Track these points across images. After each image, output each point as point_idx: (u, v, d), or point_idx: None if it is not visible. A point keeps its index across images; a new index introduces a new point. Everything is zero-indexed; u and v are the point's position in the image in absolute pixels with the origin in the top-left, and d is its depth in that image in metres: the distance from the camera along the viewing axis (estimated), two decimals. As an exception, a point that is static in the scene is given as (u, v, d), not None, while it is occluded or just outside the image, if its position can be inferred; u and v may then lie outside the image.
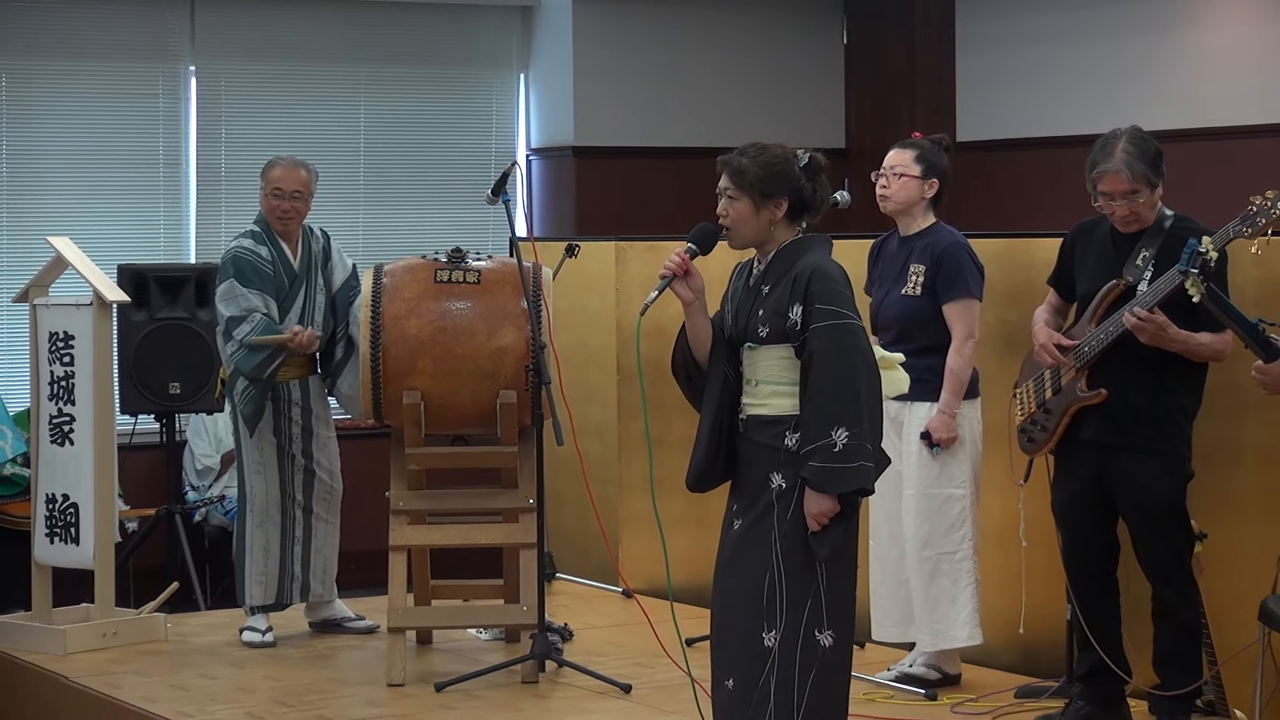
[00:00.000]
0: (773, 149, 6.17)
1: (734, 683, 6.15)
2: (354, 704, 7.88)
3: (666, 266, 6.13)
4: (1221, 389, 7.16)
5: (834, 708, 6.13)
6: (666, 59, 13.14)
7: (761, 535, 6.10)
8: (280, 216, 8.87)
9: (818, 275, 6.01)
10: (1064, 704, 7.40)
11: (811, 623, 6.03)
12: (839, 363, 5.96)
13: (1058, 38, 12.41)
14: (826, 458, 5.89)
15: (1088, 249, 7.24)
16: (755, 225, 6.12)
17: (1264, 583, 6.92)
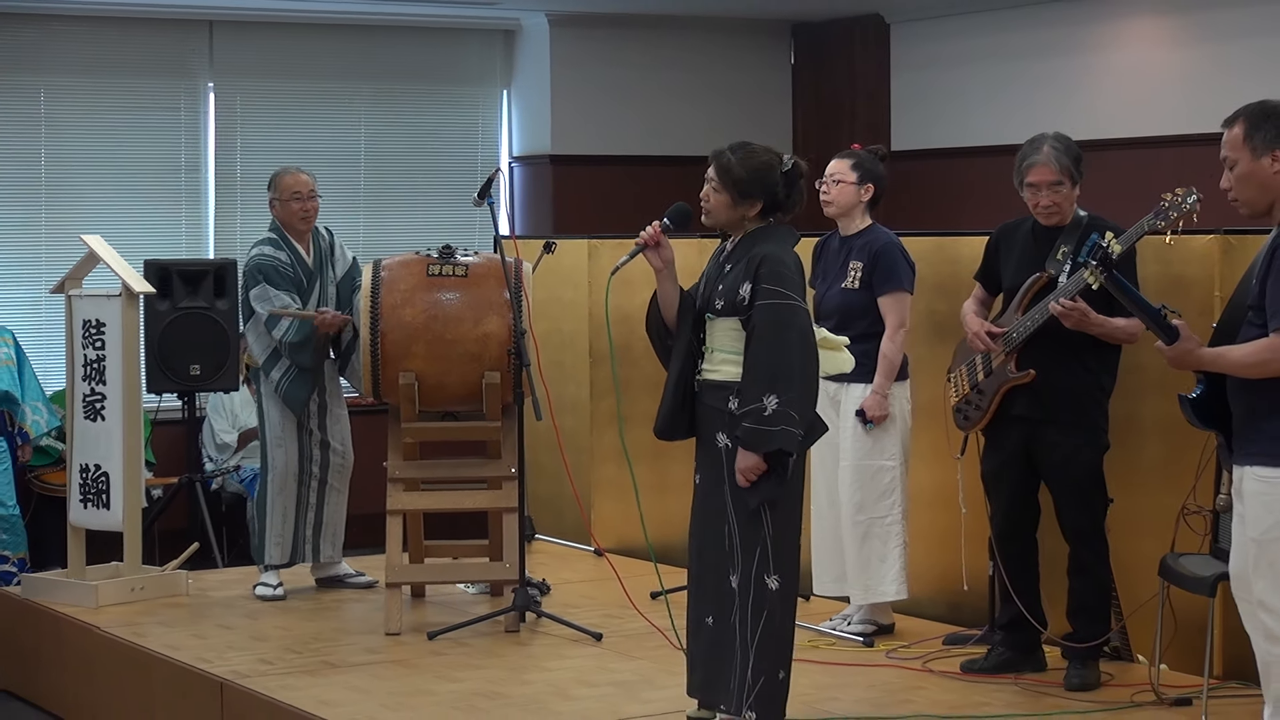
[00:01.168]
0: (760, 153, 6.28)
1: (714, 620, 6.29)
2: (356, 651, 7.87)
3: (641, 235, 6.32)
4: (1127, 370, 7.18)
5: (779, 645, 6.24)
6: (633, 77, 13.14)
7: (718, 489, 6.28)
8: (304, 217, 8.89)
9: (768, 259, 6.17)
10: (986, 650, 7.41)
11: (761, 568, 6.17)
12: (776, 337, 6.11)
13: (981, 59, 12.42)
14: (756, 420, 6.03)
15: (1011, 247, 7.27)
16: (729, 215, 6.32)
17: (1164, 543, 6.94)
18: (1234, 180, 5.75)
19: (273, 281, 8.78)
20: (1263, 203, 5.77)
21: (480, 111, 13.24)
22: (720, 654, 6.27)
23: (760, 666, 6.17)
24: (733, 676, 6.21)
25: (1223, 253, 7.15)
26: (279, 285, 8.78)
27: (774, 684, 6.21)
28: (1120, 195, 8.54)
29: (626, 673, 7.38)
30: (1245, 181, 5.73)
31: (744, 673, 6.18)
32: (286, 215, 8.90)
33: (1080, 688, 7.01)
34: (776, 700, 6.22)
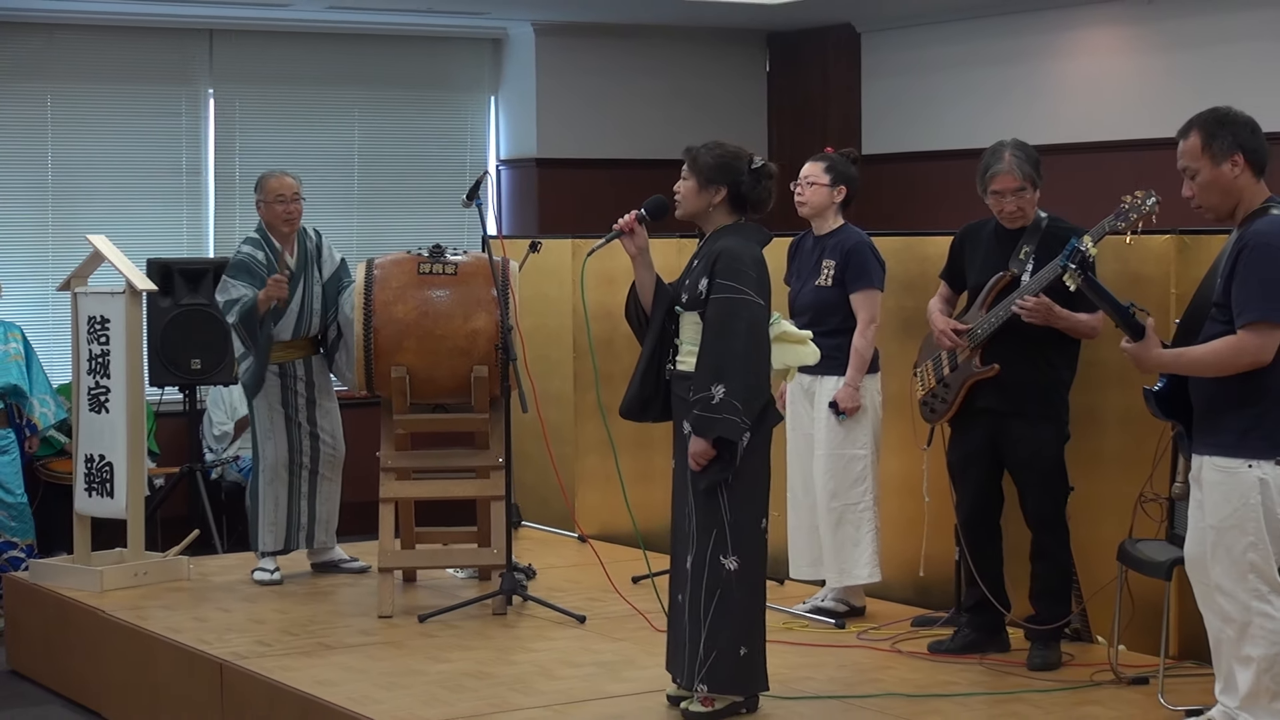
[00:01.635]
0: (728, 147, 6.42)
1: (681, 596, 6.31)
2: (350, 633, 7.86)
3: (618, 222, 6.44)
4: (1088, 364, 7.19)
5: (736, 622, 6.28)
6: (615, 84, 13.15)
7: (683, 473, 6.33)
8: (286, 219, 8.85)
9: (725, 254, 6.25)
10: (953, 632, 7.42)
11: (717, 548, 6.22)
12: (725, 329, 6.19)
13: (947, 67, 12.43)
14: (704, 408, 6.11)
15: (975, 247, 7.28)
16: (696, 202, 6.38)
17: (1122, 529, 6.94)
18: (1197, 188, 5.76)
19: (235, 273, 8.71)
20: (1227, 207, 5.80)
21: (469, 116, 13.24)
22: (676, 630, 6.37)
23: (713, 642, 6.23)
24: (683, 651, 6.30)
25: (1178, 252, 7.16)
26: (239, 278, 8.68)
27: (729, 659, 6.25)
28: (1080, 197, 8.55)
29: (609, 653, 7.38)
30: (1209, 189, 5.74)
31: (696, 647, 6.25)
32: (270, 216, 8.87)
33: (1042, 667, 7.01)
34: (731, 674, 6.27)
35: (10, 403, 9.98)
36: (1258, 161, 5.76)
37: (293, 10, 12.08)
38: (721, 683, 6.26)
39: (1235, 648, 5.83)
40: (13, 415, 10.03)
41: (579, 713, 6.51)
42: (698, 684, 6.26)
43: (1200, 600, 5.97)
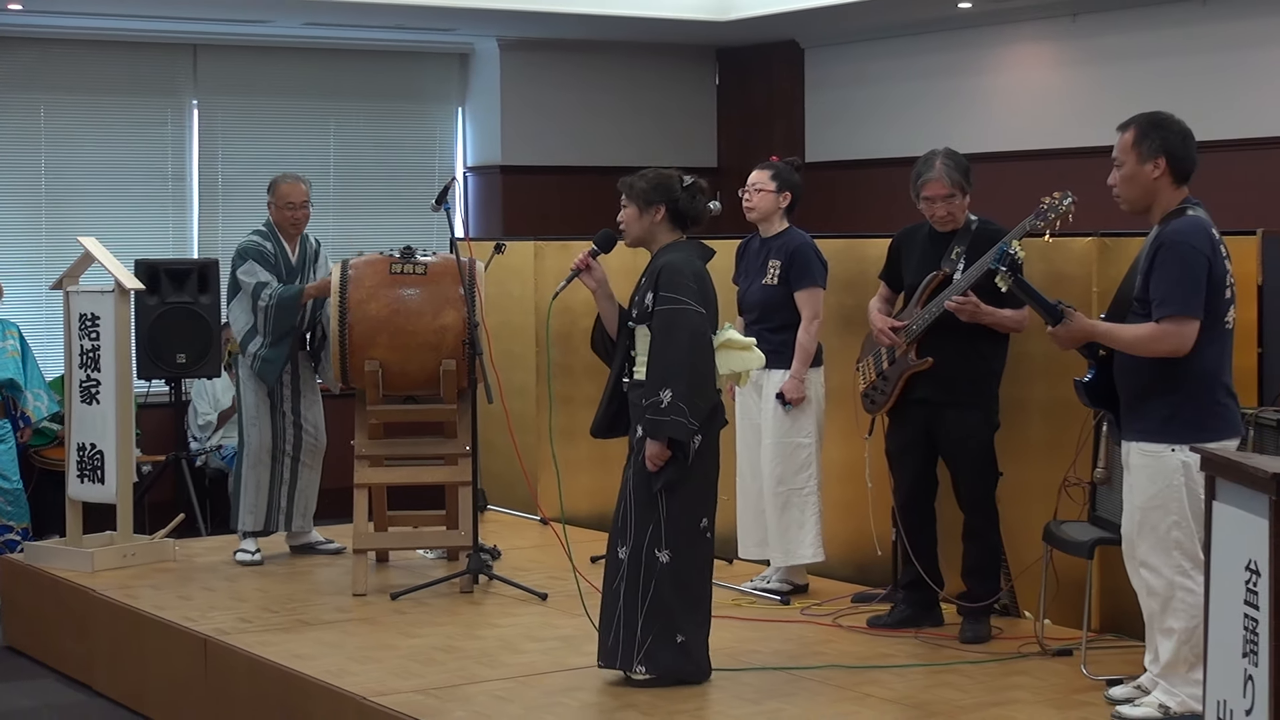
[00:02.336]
0: (661, 172, 6.43)
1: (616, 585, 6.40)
2: (326, 610, 7.84)
3: (573, 264, 6.45)
4: (1016, 358, 7.22)
5: (671, 610, 6.31)
6: (575, 96, 13.14)
7: (627, 472, 6.35)
8: (293, 223, 8.93)
9: (666, 269, 6.31)
10: (890, 608, 7.43)
11: (652, 542, 6.27)
12: (669, 337, 6.24)
13: (886, 80, 12.45)
14: (655, 412, 6.17)
15: (911, 249, 7.30)
16: (640, 226, 6.44)
17: (1047, 511, 6.97)
18: (1119, 179, 5.86)
19: (260, 260, 8.79)
20: (1142, 203, 5.86)
21: (437, 126, 13.22)
22: (605, 616, 6.40)
23: (649, 628, 6.28)
24: (617, 636, 6.32)
25: (1100, 253, 7.19)
26: (264, 264, 8.79)
27: (665, 643, 6.29)
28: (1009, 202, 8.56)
29: (569, 629, 7.37)
30: (1129, 182, 5.83)
31: (633, 632, 6.29)
32: (279, 219, 8.93)
33: (973, 640, 7.03)
34: (670, 659, 6.31)
35: (7, 396, 9.97)
36: (1180, 169, 5.83)
37: (272, 27, 12.06)
38: (660, 665, 6.30)
39: (1159, 620, 5.88)
40: (9, 408, 10.01)
41: (541, 684, 6.51)
42: (636, 665, 6.29)
43: (1131, 576, 6.01)
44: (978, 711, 6.09)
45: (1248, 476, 3.87)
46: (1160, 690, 5.90)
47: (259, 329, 8.79)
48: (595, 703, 6.25)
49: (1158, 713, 5.86)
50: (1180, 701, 5.81)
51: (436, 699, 6.29)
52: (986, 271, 6.74)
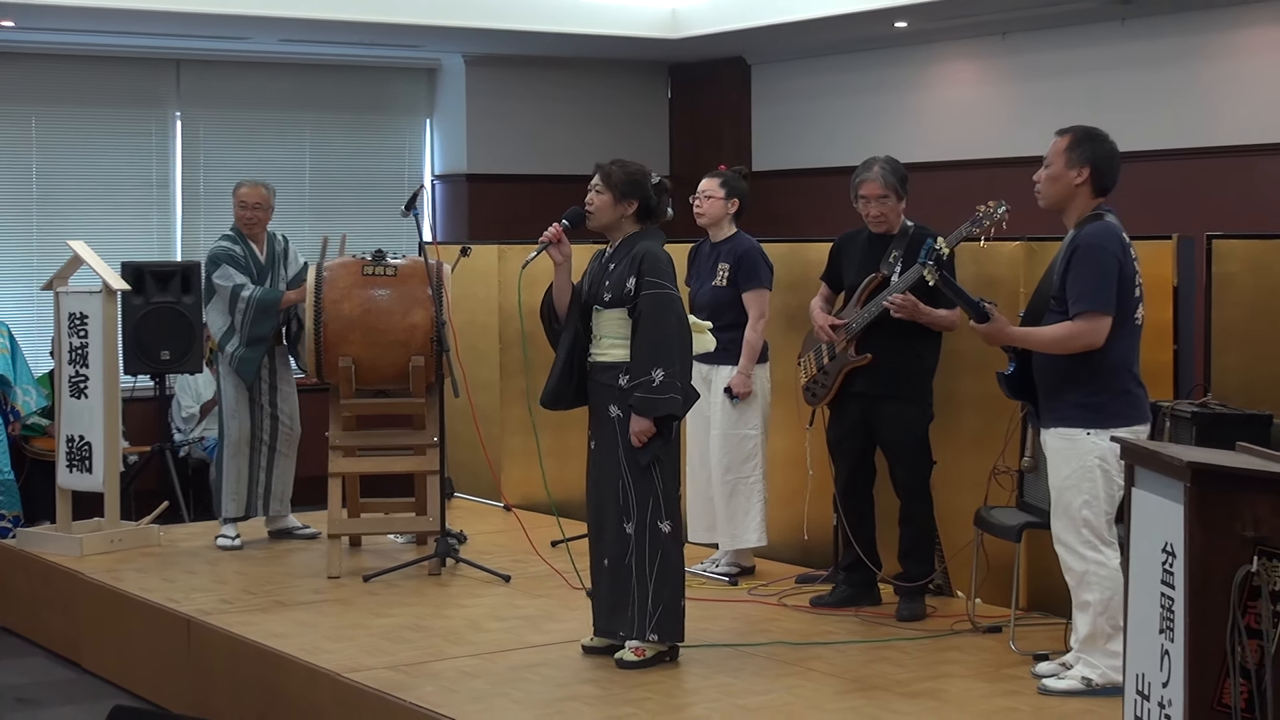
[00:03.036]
0: (634, 165, 6.46)
1: (609, 561, 6.39)
2: (302, 592, 7.82)
3: (545, 234, 6.42)
4: (948, 354, 7.23)
5: (673, 576, 6.36)
6: (536, 109, 13.13)
7: (611, 453, 6.37)
8: (247, 223, 8.89)
9: (648, 257, 6.28)
10: (831, 588, 7.45)
11: (654, 515, 6.29)
12: (659, 320, 6.23)
13: (827, 94, 12.47)
14: (647, 390, 6.14)
15: (851, 252, 7.31)
16: (611, 215, 6.41)
17: (978, 497, 6.99)
18: (1045, 178, 5.97)
19: (233, 263, 8.77)
20: (1059, 203, 5.99)
21: (407, 137, 13.18)
22: (617, 591, 6.35)
23: (660, 596, 6.29)
24: (632, 608, 6.31)
25: (1027, 257, 7.21)
26: (237, 267, 8.77)
27: (672, 610, 6.33)
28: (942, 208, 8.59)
29: (531, 608, 7.37)
30: (1053, 182, 5.94)
31: (644, 603, 6.30)
32: (239, 219, 8.93)
33: (909, 618, 7.05)
34: (675, 623, 6.35)
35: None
36: (1100, 183, 5.92)
37: (251, 43, 12.01)
38: (669, 632, 6.33)
39: (1075, 595, 5.92)
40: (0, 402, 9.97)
41: (505, 660, 6.50)
42: (650, 634, 6.29)
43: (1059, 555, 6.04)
44: (913, 685, 6.10)
45: (1164, 465, 3.88)
46: (1082, 664, 5.93)
47: (236, 329, 8.76)
48: (556, 677, 6.24)
49: (1081, 685, 5.89)
50: (1101, 674, 5.84)
51: (406, 675, 6.27)
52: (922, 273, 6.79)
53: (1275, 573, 3.70)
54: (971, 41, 11.43)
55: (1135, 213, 6.08)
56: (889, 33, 11.50)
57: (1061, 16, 10.66)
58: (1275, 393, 6.43)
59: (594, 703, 5.91)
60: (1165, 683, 3.83)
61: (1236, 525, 3.71)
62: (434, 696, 5.97)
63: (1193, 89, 10.19)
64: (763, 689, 6.06)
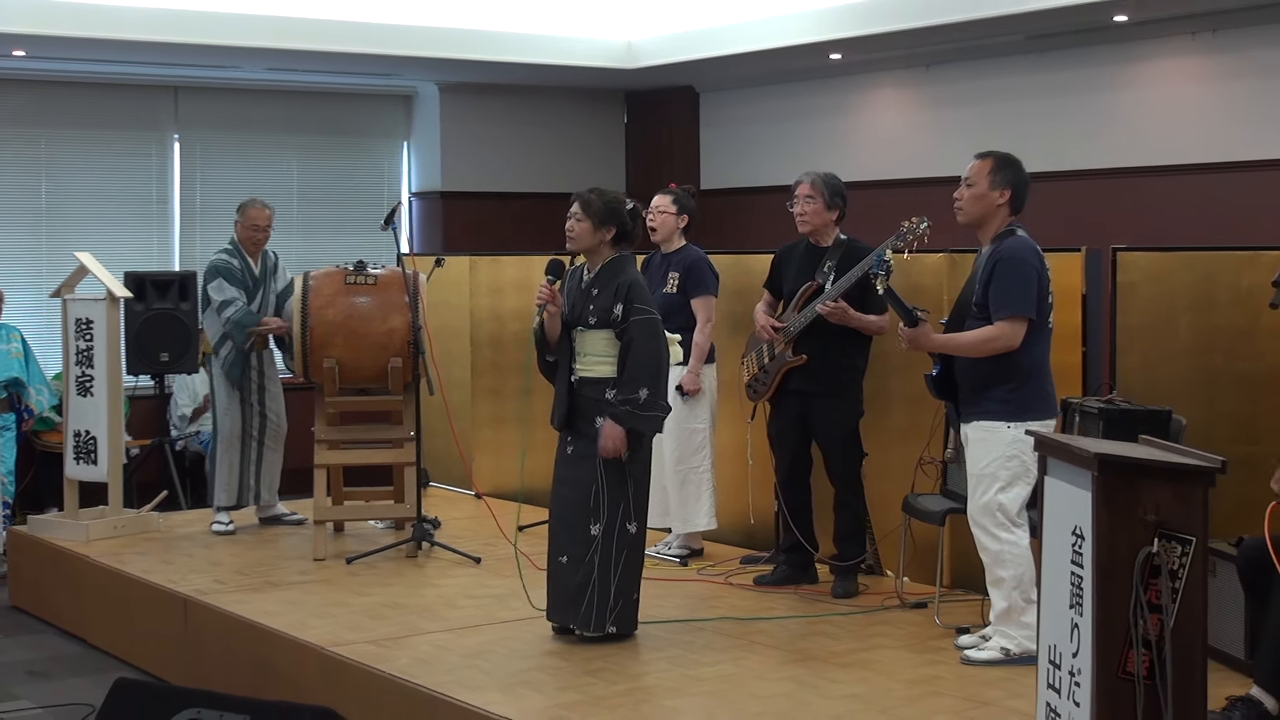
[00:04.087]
0: (612, 194, 6.40)
1: (567, 559, 6.29)
2: (290, 573, 7.78)
3: (540, 295, 6.30)
4: (878, 356, 7.24)
5: (635, 574, 6.33)
6: (504, 132, 13.10)
7: (589, 459, 6.29)
8: (255, 241, 8.86)
9: (635, 286, 6.27)
10: (773, 568, 7.45)
11: (624, 517, 6.21)
12: (650, 344, 6.21)
13: (768, 119, 12.49)
14: (634, 407, 6.13)
15: (790, 262, 7.33)
16: (591, 240, 6.36)
17: (905, 485, 7.00)
18: (968, 196, 5.98)
19: (229, 277, 8.72)
20: (979, 219, 6.03)
21: (385, 157, 13.13)
22: (574, 587, 6.27)
23: (620, 591, 6.25)
24: (591, 603, 6.24)
25: (949, 267, 7.24)
26: (232, 281, 8.72)
27: (629, 604, 6.30)
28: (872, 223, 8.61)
29: (500, 587, 7.35)
30: (976, 201, 5.96)
31: (605, 598, 6.23)
32: (244, 236, 8.86)
33: (843, 595, 7.06)
34: (632, 616, 6.33)
35: (11, 392, 9.88)
36: (1017, 204, 6.00)
37: (242, 71, 11.96)
38: (628, 623, 6.31)
39: (990, 572, 5.94)
40: (13, 402, 9.92)
41: (475, 635, 6.48)
42: (609, 626, 6.24)
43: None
44: (847, 656, 6.11)
45: (1074, 456, 3.90)
46: (1000, 636, 5.95)
47: (227, 336, 8.73)
48: (521, 650, 6.22)
49: (999, 655, 5.91)
50: (1018, 644, 5.86)
51: (385, 648, 6.25)
52: (855, 282, 6.86)
53: (1174, 553, 3.72)
54: (898, 72, 11.46)
55: (1047, 228, 6.12)
56: (824, 64, 11.52)
57: (979, 50, 10.70)
58: (1173, 391, 6.47)
59: (556, 673, 5.90)
60: (1075, 653, 3.84)
61: (1139, 510, 3.73)
62: (410, 668, 5.95)
63: (1097, 116, 10.24)
64: (711, 660, 6.06)
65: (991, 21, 9.70)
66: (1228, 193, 9.57)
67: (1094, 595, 3.73)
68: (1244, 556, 5.36)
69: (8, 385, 9.83)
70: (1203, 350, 6.57)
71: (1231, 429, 6.34)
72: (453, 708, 5.55)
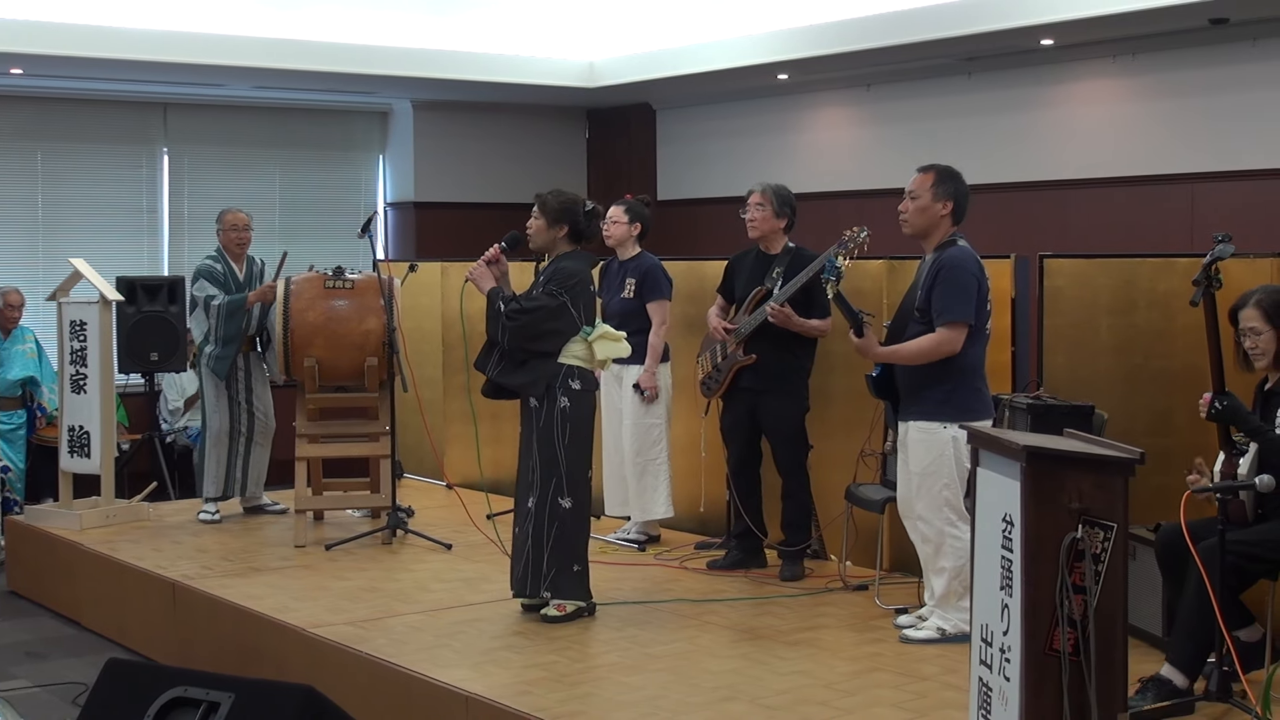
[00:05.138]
0: (568, 195, 6.40)
1: (517, 531, 6.29)
2: (273, 559, 7.74)
3: (486, 254, 6.35)
4: (823, 355, 7.25)
5: (571, 548, 6.31)
6: (474, 146, 13.08)
7: (528, 436, 6.36)
8: (239, 244, 8.82)
9: (559, 271, 6.27)
10: (725, 553, 7.45)
11: (556, 491, 6.18)
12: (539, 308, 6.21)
13: (720, 135, 12.49)
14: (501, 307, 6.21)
15: (741, 269, 7.33)
16: (546, 237, 6.36)
17: (848, 476, 7.02)
18: (912, 209, 5.94)
19: (211, 279, 8.70)
20: (924, 230, 5.99)
21: (362, 170, 13.09)
22: (519, 555, 6.34)
23: (553, 561, 6.25)
24: (526, 570, 6.29)
25: (888, 273, 7.25)
26: (213, 282, 8.70)
27: (566, 573, 6.28)
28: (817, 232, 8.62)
29: (469, 572, 7.33)
30: (921, 213, 5.92)
31: (540, 565, 6.26)
32: (227, 242, 8.82)
33: (790, 579, 7.06)
34: (570, 584, 6.30)
35: (26, 389, 9.85)
36: (959, 213, 5.96)
37: (229, 89, 11.91)
38: (562, 590, 6.28)
39: (933, 561, 5.94)
40: (25, 400, 9.88)
41: (447, 616, 6.46)
42: (544, 591, 6.25)
43: (908, 528, 6.06)
44: (794, 635, 6.12)
45: (1004, 448, 3.90)
46: (936, 616, 5.96)
47: (211, 334, 8.68)
48: (490, 630, 6.21)
49: (936, 634, 5.92)
50: (953, 624, 5.87)
51: (363, 629, 6.22)
52: (800, 288, 6.87)
53: (1096, 538, 3.73)
54: (842, 91, 11.48)
55: (978, 237, 6.11)
56: (773, 84, 11.54)
57: (918, 71, 10.73)
58: (1096, 387, 6.50)
59: (523, 651, 5.89)
60: (1005, 631, 3.85)
61: (1064, 499, 3.74)
62: (386, 648, 5.92)
63: (1027, 132, 10.28)
64: (667, 639, 6.05)
65: (928, 44, 9.74)
66: (1146, 204, 9.63)
67: (1023, 578, 3.74)
68: (1161, 541, 5.39)
69: (24, 383, 9.81)
70: (1123, 350, 6.61)
71: (1149, 423, 6.38)
72: (426, 684, 5.53)
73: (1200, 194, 9.37)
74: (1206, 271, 5.08)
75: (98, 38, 10.21)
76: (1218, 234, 5.20)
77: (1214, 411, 5.15)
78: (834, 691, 5.33)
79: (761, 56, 10.62)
